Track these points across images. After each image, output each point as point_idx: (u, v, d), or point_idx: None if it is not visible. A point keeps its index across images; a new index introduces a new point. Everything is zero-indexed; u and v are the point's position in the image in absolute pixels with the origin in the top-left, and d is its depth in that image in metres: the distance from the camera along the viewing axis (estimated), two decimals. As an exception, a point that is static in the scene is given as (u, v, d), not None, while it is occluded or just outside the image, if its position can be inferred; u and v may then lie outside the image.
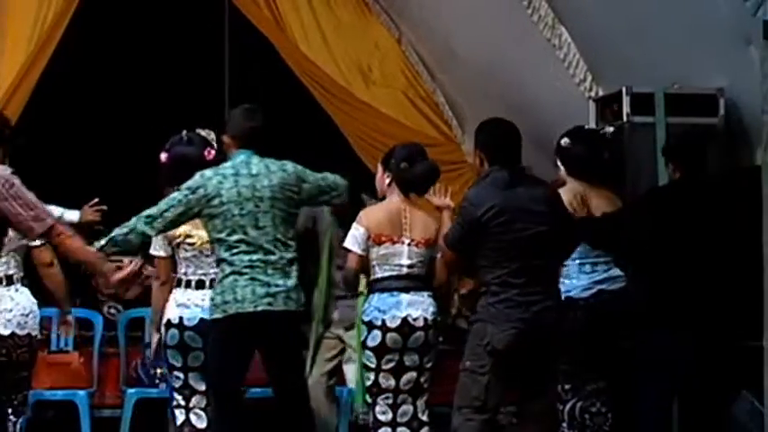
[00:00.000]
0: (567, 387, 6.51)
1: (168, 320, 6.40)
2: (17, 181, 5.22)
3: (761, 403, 5.97)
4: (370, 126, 9.47)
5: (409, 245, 6.32)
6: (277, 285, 5.97)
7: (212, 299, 6.05)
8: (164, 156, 6.48)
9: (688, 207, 6.35)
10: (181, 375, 6.40)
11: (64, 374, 7.77)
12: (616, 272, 6.55)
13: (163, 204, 5.98)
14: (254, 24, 9.55)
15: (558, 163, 6.66)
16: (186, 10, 9.82)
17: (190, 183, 6.02)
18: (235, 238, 5.96)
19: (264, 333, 6.00)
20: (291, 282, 6.02)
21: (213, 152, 6.53)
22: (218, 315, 5.99)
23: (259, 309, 5.93)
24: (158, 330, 6.58)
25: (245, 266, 5.95)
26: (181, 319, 6.32)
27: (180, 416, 6.43)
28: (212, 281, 6.23)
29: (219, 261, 6.04)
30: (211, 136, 6.68)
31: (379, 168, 6.55)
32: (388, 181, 6.43)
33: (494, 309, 5.84)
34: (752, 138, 6.83)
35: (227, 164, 6.09)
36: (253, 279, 5.94)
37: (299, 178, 6.10)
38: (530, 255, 5.83)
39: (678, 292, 6.27)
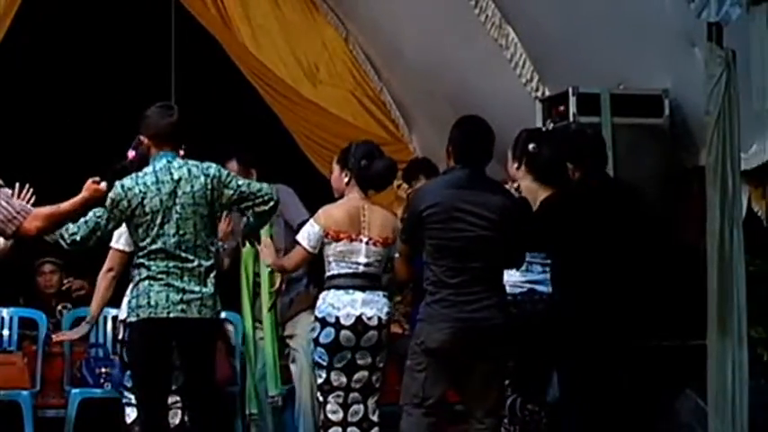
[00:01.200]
0: (506, 382, 6.52)
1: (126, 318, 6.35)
2: None
3: (704, 401, 6.02)
4: (318, 125, 9.46)
5: (367, 243, 6.33)
6: (192, 292, 5.89)
7: (129, 302, 6.02)
8: (132, 153, 6.39)
9: (585, 209, 6.26)
10: None
11: (7, 374, 7.68)
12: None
13: (92, 223, 5.95)
14: (201, 22, 9.51)
15: (521, 166, 6.57)
16: (132, 7, 9.76)
17: (112, 195, 5.93)
18: (155, 246, 5.90)
19: (177, 339, 5.93)
20: (208, 289, 5.93)
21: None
22: (132, 318, 5.96)
23: (172, 315, 5.87)
24: (94, 321, 6.76)
25: (161, 272, 5.89)
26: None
27: (131, 413, 6.40)
28: None
29: (137, 265, 5.98)
30: None
31: (336, 167, 6.55)
32: (346, 180, 6.44)
33: (430, 308, 5.85)
34: (696, 139, 6.90)
35: (149, 169, 5.98)
36: (168, 285, 5.88)
37: (221, 183, 5.99)
38: (469, 257, 5.81)
39: (579, 296, 6.25)
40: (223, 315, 6.30)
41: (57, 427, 7.81)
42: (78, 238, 5.91)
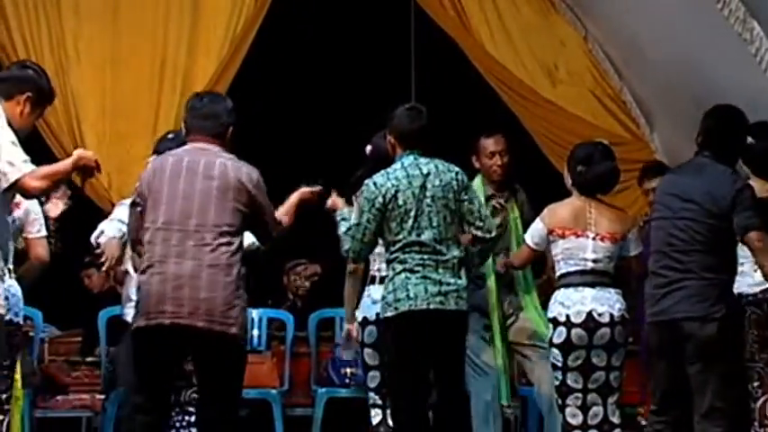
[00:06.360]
0: (755, 384, 6.38)
1: (365, 318, 6.46)
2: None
3: None
4: (557, 125, 9.42)
5: (594, 239, 6.29)
6: (448, 284, 5.97)
7: (383, 297, 6.06)
8: (369, 149, 6.56)
9: None
10: (378, 374, 6.46)
11: (257, 374, 7.92)
12: None
13: (357, 233, 6.08)
14: (439, 24, 9.60)
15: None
16: (373, 12, 9.93)
17: (366, 195, 6.06)
18: (411, 239, 5.99)
19: (435, 332, 5.98)
20: (462, 281, 6.02)
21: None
22: (389, 313, 6.00)
23: (431, 307, 5.93)
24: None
25: (417, 264, 5.97)
26: (378, 315, 6.33)
27: (376, 415, 6.51)
28: None
29: (390, 260, 6.07)
30: None
31: (566, 167, 6.55)
32: (570, 181, 6.44)
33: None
34: None
35: (397, 166, 6.11)
36: (425, 277, 5.95)
37: (463, 188, 6.11)
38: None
39: None
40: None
41: (304, 425, 8.02)
42: (353, 252, 6.11)
